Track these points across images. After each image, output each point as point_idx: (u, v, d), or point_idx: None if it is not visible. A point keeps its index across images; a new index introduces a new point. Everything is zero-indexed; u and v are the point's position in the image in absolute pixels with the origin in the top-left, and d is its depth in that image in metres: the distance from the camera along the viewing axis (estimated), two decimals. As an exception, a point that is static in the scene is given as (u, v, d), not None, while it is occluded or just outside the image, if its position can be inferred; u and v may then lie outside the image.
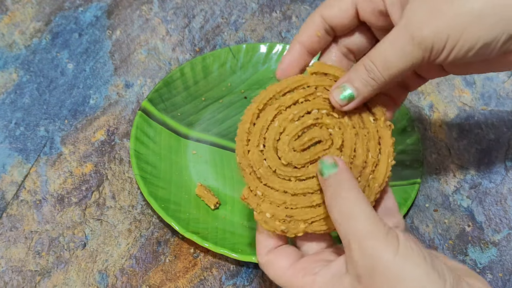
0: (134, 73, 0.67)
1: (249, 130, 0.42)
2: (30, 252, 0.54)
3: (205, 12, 0.73)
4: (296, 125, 0.42)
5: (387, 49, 0.40)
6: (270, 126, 0.42)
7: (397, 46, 0.39)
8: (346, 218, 0.36)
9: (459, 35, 0.38)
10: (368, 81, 0.41)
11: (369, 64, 0.40)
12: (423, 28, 0.38)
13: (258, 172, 0.41)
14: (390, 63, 0.39)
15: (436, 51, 0.39)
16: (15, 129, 0.62)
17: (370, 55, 0.41)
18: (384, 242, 0.35)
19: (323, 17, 0.43)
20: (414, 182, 0.57)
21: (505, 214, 0.57)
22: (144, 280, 0.52)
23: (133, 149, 0.57)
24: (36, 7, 0.73)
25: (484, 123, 0.63)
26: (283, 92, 0.42)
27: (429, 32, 0.38)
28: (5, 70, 0.67)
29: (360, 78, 0.41)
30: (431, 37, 0.38)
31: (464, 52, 0.39)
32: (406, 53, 0.39)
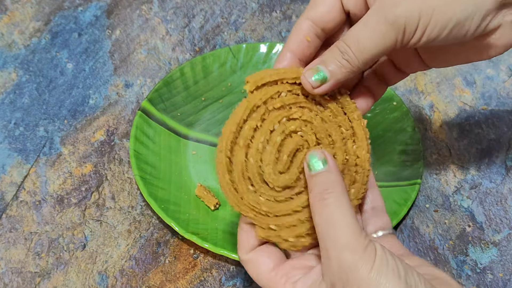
0: (133, 73, 0.67)
1: (231, 179, 0.40)
2: (29, 253, 0.54)
3: (205, 12, 0.73)
4: (269, 150, 0.40)
5: (360, 31, 0.39)
6: (248, 165, 0.40)
7: (371, 27, 0.39)
8: (328, 224, 0.36)
9: (431, 14, 0.39)
10: (342, 63, 0.40)
11: (343, 46, 0.40)
12: (395, 8, 0.38)
13: (262, 210, 0.40)
14: (364, 45, 0.39)
15: (409, 31, 0.39)
16: (15, 129, 0.62)
17: (344, 37, 0.40)
18: (362, 256, 0.35)
19: (311, 20, 0.43)
20: (415, 183, 0.56)
21: (505, 214, 0.56)
22: (144, 281, 0.52)
23: (132, 150, 0.57)
24: (35, 6, 0.73)
25: (484, 123, 0.63)
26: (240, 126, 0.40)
27: (401, 11, 0.38)
28: (4, 70, 0.67)
29: (334, 59, 0.40)
30: (403, 17, 0.38)
31: (437, 32, 0.39)
32: (380, 34, 0.39)
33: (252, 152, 0.40)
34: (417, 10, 0.38)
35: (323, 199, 0.37)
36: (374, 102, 0.47)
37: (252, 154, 0.40)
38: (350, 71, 0.40)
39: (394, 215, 0.54)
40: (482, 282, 0.52)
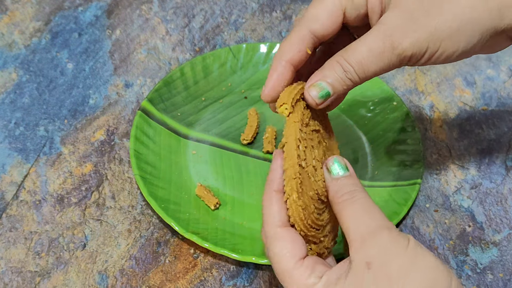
0: (134, 73, 0.67)
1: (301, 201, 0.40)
2: (29, 253, 0.54)
3: (205, 11, 0.73)
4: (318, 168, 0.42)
5: (365, 53, 0.40)
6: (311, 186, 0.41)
7: (376, 52, 0.40)
8: (361, 215, 0.38)
9: (438, 46, 0.40)
10: (344, 80, 0.41)
11: (346, 65, 0.41)
12: (403, 39, 0.39)
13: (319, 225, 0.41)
14: (367, 67, 0.40)
15: (414, 59, 0.41)
16: (15, 129, 0.62)
17: (347, 55, 0.41)
18: (397, 236, 0.36)
19: (311, 31, 0.43)
20: (415, 183, 0.56)
21: (505, 214, 0.56)
22: (144, 281, 0.52)
23: (132, 149, 0.57)
24: (35, 6, 0.73)
25: (484, 123, 0.63)
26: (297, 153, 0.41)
27: (409, 44, 0.40)
28: (4, 69, 0.67)
29: (336, 76, 0.41)
30: (411, 48, 0.40)
31: (442, 60, 0.41)
32: (384, 60, 0.40)
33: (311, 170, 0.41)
34: (425, 43, 0.40)
35: (352, 197, 0.39)
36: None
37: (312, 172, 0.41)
38: (350, 87, 0.42)
39: (394, 215, 0.54)
40: (482, 282, 0.52)
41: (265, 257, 0.51)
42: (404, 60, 0.40)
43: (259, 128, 0.62)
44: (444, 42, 0.40)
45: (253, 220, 0.55)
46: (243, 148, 0.61)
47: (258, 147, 0.61)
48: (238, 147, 0.61)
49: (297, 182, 0.39)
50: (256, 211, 0.56)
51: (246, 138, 0.60)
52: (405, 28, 0.40)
